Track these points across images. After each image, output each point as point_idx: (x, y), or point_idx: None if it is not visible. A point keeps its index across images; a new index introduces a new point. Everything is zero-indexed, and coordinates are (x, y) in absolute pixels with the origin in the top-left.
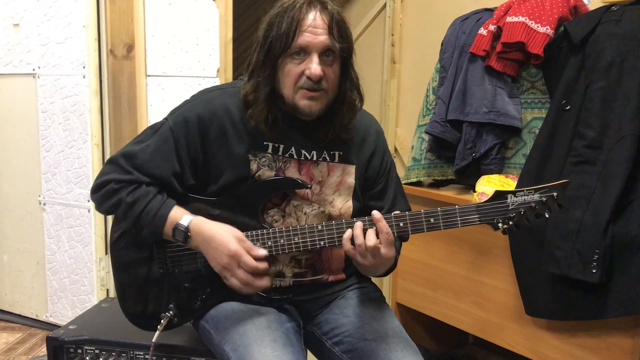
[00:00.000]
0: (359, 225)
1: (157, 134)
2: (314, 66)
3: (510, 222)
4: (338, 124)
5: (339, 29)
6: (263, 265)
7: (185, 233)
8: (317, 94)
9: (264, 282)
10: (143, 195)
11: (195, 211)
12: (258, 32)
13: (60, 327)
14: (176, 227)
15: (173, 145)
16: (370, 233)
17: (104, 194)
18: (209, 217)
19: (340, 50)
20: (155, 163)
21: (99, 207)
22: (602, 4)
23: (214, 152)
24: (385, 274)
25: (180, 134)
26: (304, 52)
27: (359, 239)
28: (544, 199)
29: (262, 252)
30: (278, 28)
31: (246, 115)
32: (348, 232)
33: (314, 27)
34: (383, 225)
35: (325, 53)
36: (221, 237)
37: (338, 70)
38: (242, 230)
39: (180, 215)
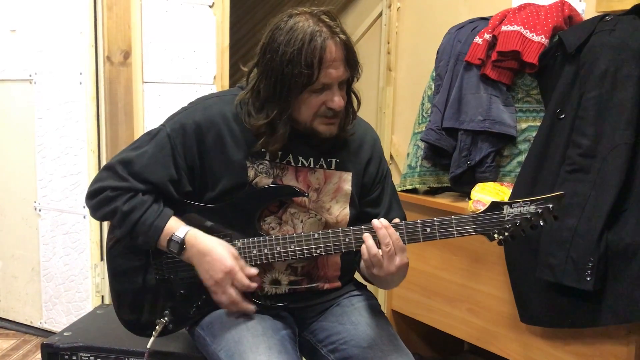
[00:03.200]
0: (368, 236)
1: (154, 141)
2: (337, 98)
3: (506, 233)
4: (338, 135)
5: (350, 58)
6: (255, 285)
7: (180, 245)
8: (335, 120)
9: (250, 306)
10: (139, 204)
11: (191, 221)
12: (268, 61)
13: (54, 333)
14: (171, 239)
15: (170, 151)
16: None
17: (100, 202)
18: (205, 226)
19: (350, 76)
20: (152, 169)
21: (94, 214)
22: (597, 14)
23: (211, 159)
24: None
25: (178, 140)
26: (326, 86)
27: (373, 249)
28: (540, 211)
29: (254, 270)
30: (298, 63)
31: (243, 122)
32: (365, 245)
33: (334, 60)
34: (392, 231)
35: (343, 82)
36: (217, 252)
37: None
38: (239, 238)
39: (177, 227)
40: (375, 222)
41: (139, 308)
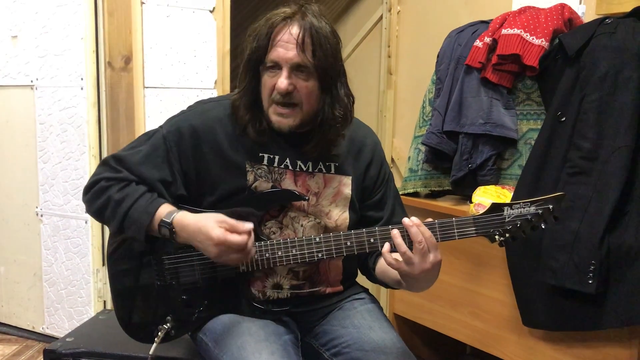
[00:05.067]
0: (397, 233)
1: (150, 141)
2: (281, 79)
3: (507, 235)
4: (323, 140)
5: (313, 45)
6: (251, 240)
7: (170, 230)
8: (287, 111)
9: (253, 250)
10: (132, 191)
11: None
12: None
13: (56, 339)
14: (160, 224)
15: (164, 152)
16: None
17: (94, 193)
18: None
19: (314, 66)
20: (145, 167)
21: (89, 208)
22: (597, 17)
23: (209, 163)
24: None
25: (173, 143)
26: (277, 66)
27: (402, 247)
28: (540, 212)
29: (248, 225)
30: (257, 40)
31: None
32: (386, 246)
33: (286, 42)
34: (423, 229)
35: (297, 68)
36: (202, 228)
37: (315, 86)
38: None
39: (166, 211)
40: (406, 220)
41: (140, 314)
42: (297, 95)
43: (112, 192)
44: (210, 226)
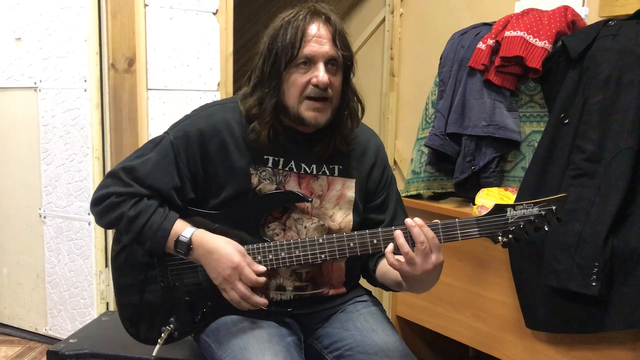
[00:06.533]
0: (399, 234)
1: (157, 148)
2: (321, 74)
3: (510, 236)
4: (339, 136)
5: (341, 39)
6: (262, 279)
7: (187, 245)
8: (322, 105)
9: (262, 299)
10: (145, 208)
11: (196, 225)
12: (260, 46)
13: (59, 340)
14: (178, 240)
15: (173, 159)
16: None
17: (105, 208)
18: (209, 231)
19: (344, 59)
20: (156, 176)
21: (99, 221)
22: (600, 19)
23: (215, 166)
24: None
25: (181, 147)
26: (310, 61)
27: (405, 247)
28: (543, 213)
29: (262, 268)
30: (283, 39)
31: (247, 129)
32: (390, 246)
33: (319, 37)
34: (426, 230)
35: (330, 62)
36: (223, 249)
37: (341, 80)
38: (243, 244)
39: (183, 228)
40: (408, 221)
41: (144, 316)
42: (330, 89)
43: (125, 208)
44: (232, 251)
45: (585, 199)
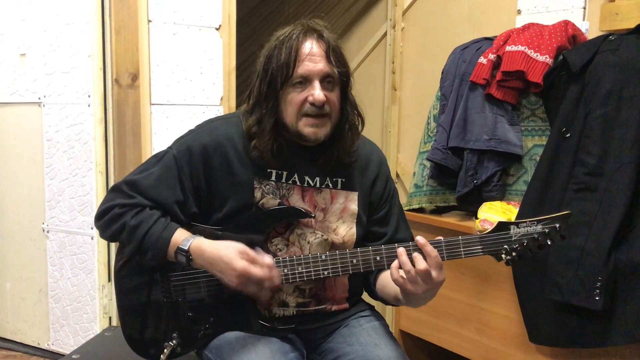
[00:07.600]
0: (402, 251)
1: (160, 162)
2: (317, 92)
3: (514, 253)
4: (341, 148)
5: (335, 55)
6: (274, 271)
7: (186, 257)
8: (320, 121)
9: (276, 280)
10: (146, 218)
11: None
12: (256, 66)
13: (62, 355)
14: (177, 251)
15: (176, 173)
16: (418, 257)
17: (109, 219)
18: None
19: (340, 75)
20: (158, 189)
21: (103, 233)
22: (600, 33)
23: (218, 180)
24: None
25: (184, 162)
26: (306, 80)
27: (407, 265)
28: (547, 230)
29: (268, 259)
30: (277, 60)
31: (250, 144)
32: (395, 262)
33: (312, 55)
34: (429, 249)
35: (325, 79)
36: (223, 258)
37: (339, 95)
38: None
39: (182, 238)
40: (419, 239)
41: (146, 330)
42: (328, 105)
43: (127, 218)
44: (232, 256)
45: (588, 213)
